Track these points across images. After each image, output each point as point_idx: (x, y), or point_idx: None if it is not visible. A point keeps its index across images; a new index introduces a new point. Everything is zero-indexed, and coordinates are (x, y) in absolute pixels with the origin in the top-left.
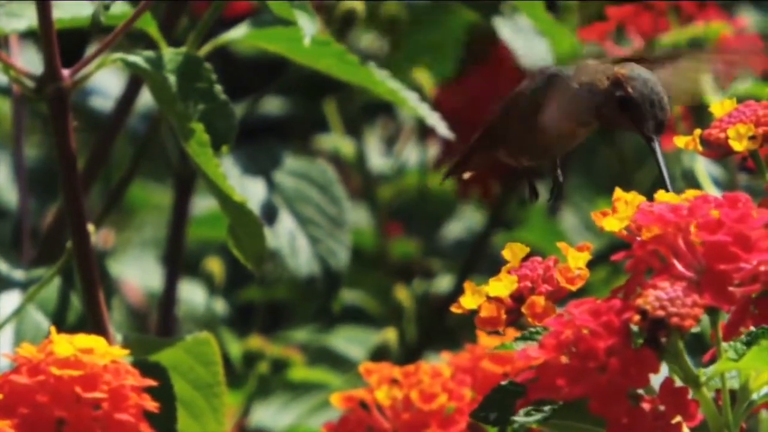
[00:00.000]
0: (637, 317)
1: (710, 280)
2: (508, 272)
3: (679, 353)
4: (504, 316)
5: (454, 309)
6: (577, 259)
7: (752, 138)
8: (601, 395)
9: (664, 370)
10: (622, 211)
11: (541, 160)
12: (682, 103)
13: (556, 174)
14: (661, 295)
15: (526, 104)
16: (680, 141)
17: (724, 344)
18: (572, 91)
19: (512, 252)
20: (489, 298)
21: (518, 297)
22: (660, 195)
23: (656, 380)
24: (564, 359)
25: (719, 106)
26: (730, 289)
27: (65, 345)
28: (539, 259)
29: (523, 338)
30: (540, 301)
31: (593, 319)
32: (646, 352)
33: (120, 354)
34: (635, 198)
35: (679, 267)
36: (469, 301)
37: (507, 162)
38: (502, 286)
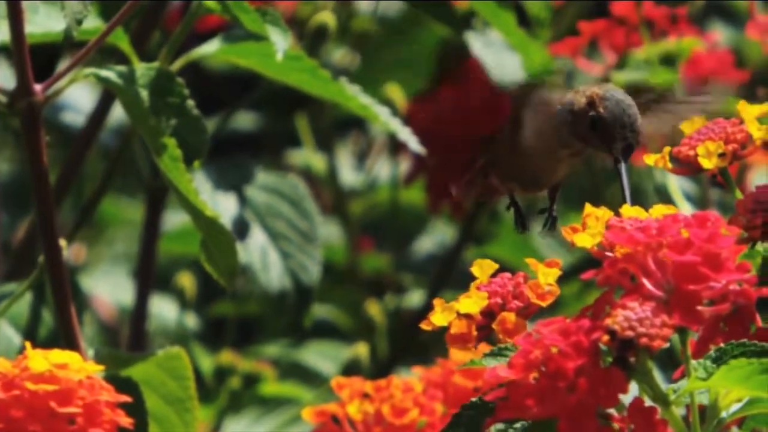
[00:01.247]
0: (606, 337)
1: (679, 300)
2: (478, 288)
3: (648, 373)
4: (475, 333)
5: (424, 326)
6: (547, 275)
7: (722, 155)
8: (571, 415)
9: (634, 388)
10: (592, 226)
11: (531, 189)
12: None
13: (551, 207)
14: (630, 315)
15: (509, 124)
16: (650, 159)
17: (693, 363)
18: (552, 110)
19: (481, 268)
20: (459, 315)
21: (489, 313)
22: (625, 210)
23: (626, 399)
24: (533, 379)
25: (689, 123)
26: (699, 309)
27: (40, 360)
28: (509, 275)
29: (494, 355)
30: (511, 317)
31: (562, 338)
32: (614, 371)
33: (95, 369)
34: (605, 214)
35: (649, 286)
36: (439, 318)
37: (501, 190)
38: (472, 302)
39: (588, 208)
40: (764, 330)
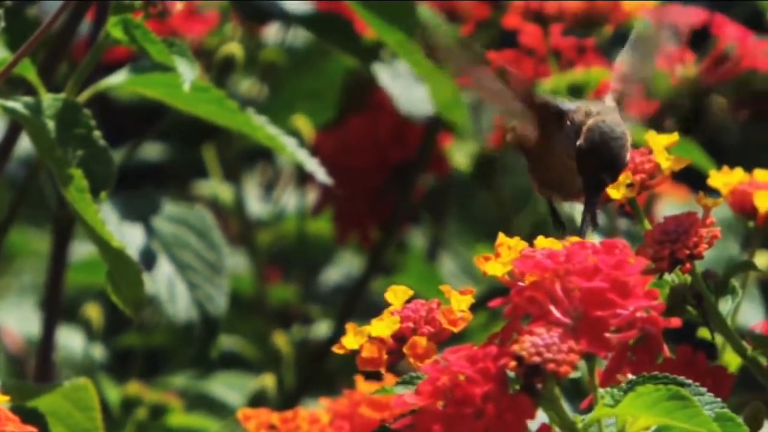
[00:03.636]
0: (513, 363)
1: (587, 326)
2: (391, 313)
3: (555, 399)
4: (385, 357)
5: (336, 349)
6: (460, 302)
7: (630, 185)
8: None
9: (541, 416)
10: (505, 255)
11: (566, 197)
12: None
13: (589, 212)
14: (537, 342)
15: (538, 135)
16: None
17: (601, 390)
18: (565, 130)
19: (395, 294)
20: (371, 338)
21: (400, 337)
22: (539, 240)
23: (534, 426)
24: (440, 405)
25: None
26: (607, 335)
27: None
28: (422, 301)
29: (404, 383)
30: (422, 341)
31: (470, 365)
32: (522, 398)
33: (1, 400)
34: (518, 243)
35: (556, 313)
36: (350, 341)
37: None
38: (384, 325)
39: (501, 237)
40: (671, 361)
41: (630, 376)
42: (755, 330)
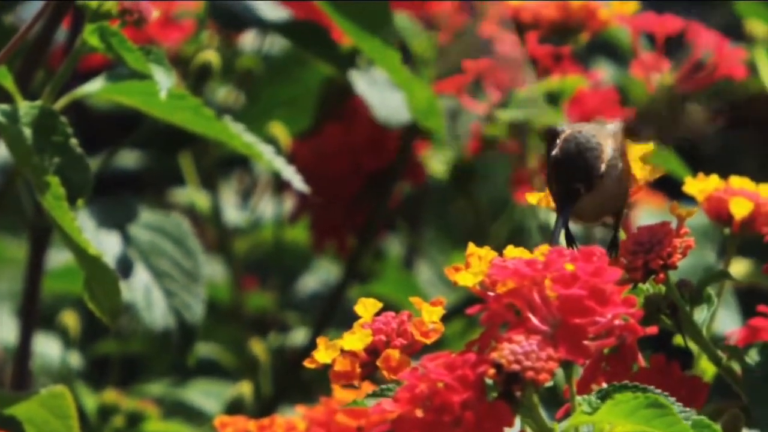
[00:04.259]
0: (491, 371)
1: (565, 333)
2: (362, 326)
3: (533, 407)
4: (358, 370)
5: (307, 364)
6: (431, 314)
7: None
8: None
9: (519, 423)
10: (475, 266)
11: (583, 220)
12: None
13: (612, 235)
14: (515, 349)
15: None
16: (532, 197)
17: (578, 397)
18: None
19: (365, 307)
20: (343, 352)
21: (373, 350)
22: (509, 250)
23: None
24: (419, 413)
25: None
26: (585, 342)
27: None
28: (393, 313)
29: (376, 395)
30: (395, 354)
31: (448, 372)
32: (500, 405)
33: None
34: (488, 253)
35: (534, 321)
36: (322, 355)
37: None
38: (356, 339)
39: (471, 247)
40: (646, 370)
41: (605, 386)
42: (731, 337)
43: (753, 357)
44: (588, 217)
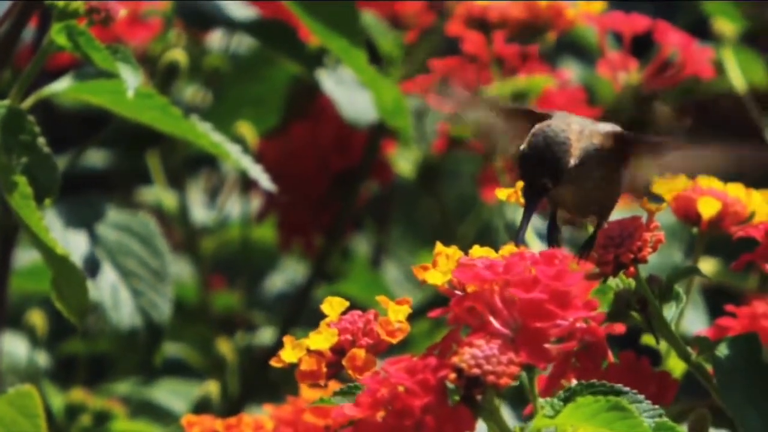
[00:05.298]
0: (453, 375)
1: (526, 337)
2: (329, 325)
3: (495, 411)
4: (325, 370)
5: (274, 363)
6: (397, 313)
7: None
8: None
9: (482, 427)
10: (443, 265)
11: (570, 212)
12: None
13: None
14: (476, 353)
15: None
16: (502, 194)
17: (540, 400)
18: None
19: (331, 306)
20: (309, 352)
21: (339, 350)
22: (475, 250)
23: None
24: (380, 417)
25: None
26: (546, 346)
27: None
28: (359, 312)
29: (343, 393)
30: (360, 353)
31: (409, 376)
32: (461, 409)
33: None
34: (455, 252)
35: (496, 324)
36: (289, 354)
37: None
38: (322, 338)
39: (439, 246)
40: (616, 366)
41: (574, 382)
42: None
43: (722, 351)
44: (571, 211)
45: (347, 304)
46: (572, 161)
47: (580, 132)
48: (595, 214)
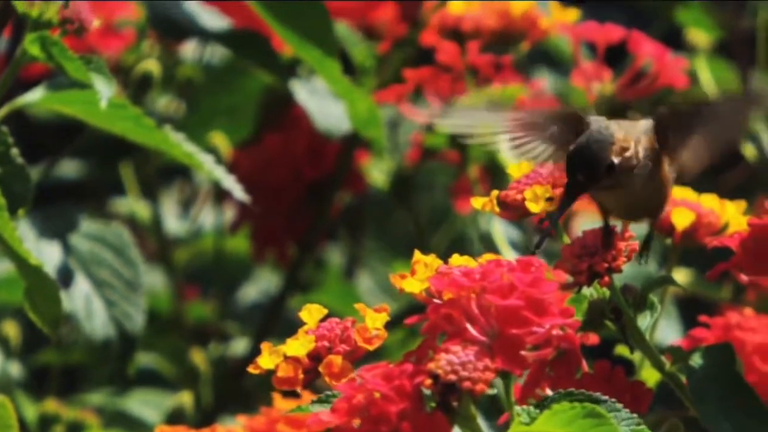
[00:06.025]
0: (428, 381)
1: (502, 344)
2: (306, 332)
3: (471, 417)
4: (301, 376)
5: (251, 369)
6: (374, 320)
7: (549, 199)
8: None
9: None
10: (421, 273)
11: (614, 214)
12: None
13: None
14: (452, 360)
15: None
16: (477, 202)
17: (516, 408)
18: None
19: (310, 313)
20: (286, 358)
21: (316, 356)
22: (455, 259)
23: None
24: (356, 424)
25: (516, 167)
26: (522, 353)
27: None
28: (337, 319)
29: (320, 401)
30: (337, 360)
31: (385, 383)
32: (437, 416)
33: None
34: (434, 261)
35: (472, 331)
36: (266, 360)
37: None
38: (299, 345)
39: (417, 255)
40: (590, 375)
41: (548, 391)
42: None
43: (696, 361)
44: (618, 214)
45: (326, 311)
46: (617, 160)
47: (626, 132)
48: (647, 216)
